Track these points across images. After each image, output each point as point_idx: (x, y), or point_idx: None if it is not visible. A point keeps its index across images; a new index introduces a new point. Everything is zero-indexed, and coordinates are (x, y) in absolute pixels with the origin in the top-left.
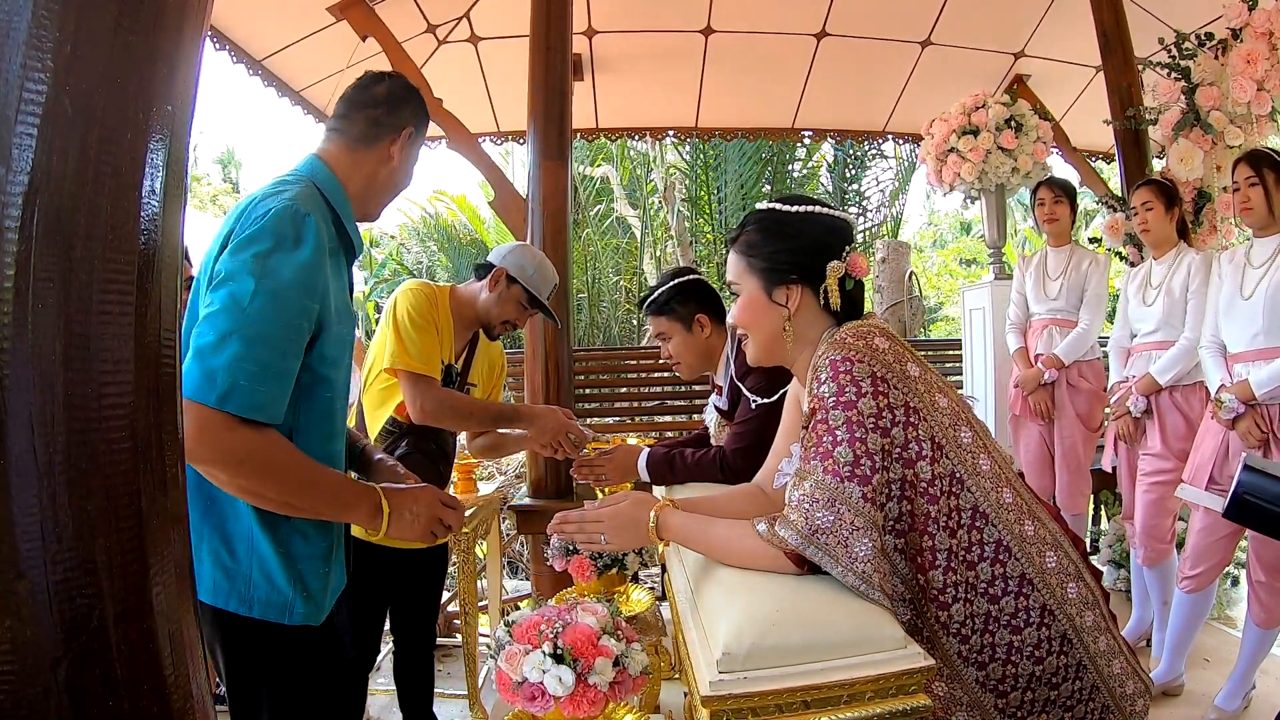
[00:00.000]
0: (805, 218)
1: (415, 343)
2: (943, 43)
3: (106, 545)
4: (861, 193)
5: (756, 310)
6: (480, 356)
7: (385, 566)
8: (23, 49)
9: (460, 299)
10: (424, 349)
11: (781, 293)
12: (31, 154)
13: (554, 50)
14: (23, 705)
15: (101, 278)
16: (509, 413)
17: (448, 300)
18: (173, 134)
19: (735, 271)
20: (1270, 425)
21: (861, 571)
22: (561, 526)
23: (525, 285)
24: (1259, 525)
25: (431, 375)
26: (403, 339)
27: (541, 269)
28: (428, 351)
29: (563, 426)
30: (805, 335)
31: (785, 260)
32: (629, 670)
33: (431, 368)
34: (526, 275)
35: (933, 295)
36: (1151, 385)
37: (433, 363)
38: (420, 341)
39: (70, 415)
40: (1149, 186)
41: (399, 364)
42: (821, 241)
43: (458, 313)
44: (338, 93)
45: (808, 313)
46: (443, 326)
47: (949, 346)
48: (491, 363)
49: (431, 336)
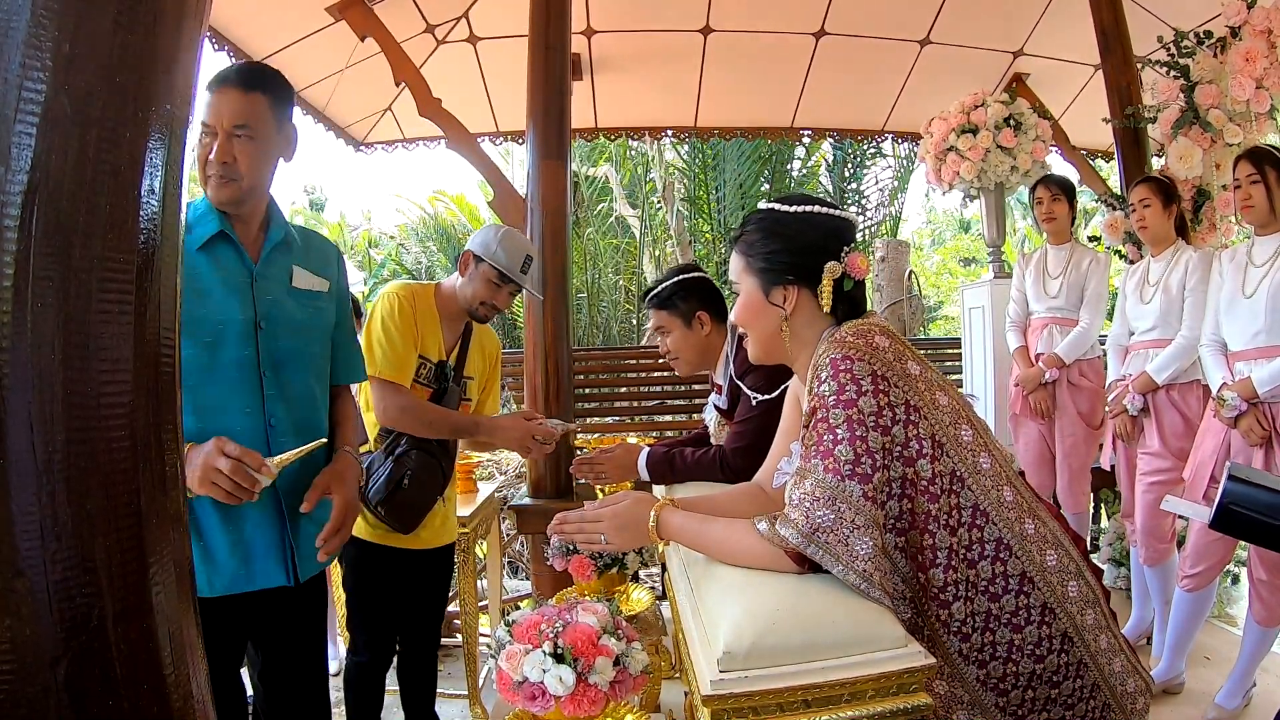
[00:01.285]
0: (804, 218)
1: (384, 349)
2: (942, 41)
3: (106, 544)
4: (861, 191)
5: (754, 310)
6: (475, 348)
7: (393, 568)
8: (22, 48)
9: (444, 294)
10: (392, 355)
11: (779, 293)
12: (31, 153)
13: (553, 50)
14: (22, 704)
15: (100, 277)
16: (469, 425)
17: (432, 298)
18: (172, 133)
19: (736, 270)
20: (1272, 424)
21: (862, 570)
22: (561, 527)
23: (491, 262)
24: (1249, 535)
25: (398, 382)
26: (373, 346)
27: (506, 243)
28: (397, 358)
29: (526, 433)
30: (803, 335)
31: (781, 261)
32: (629, 670)
33: (400, 374)
34: (491, 252)
35: (932, 294)
36: (1148, 384)
37: (402, 369)
38: (389, 348)
39: (69, 414)
40: (1146, 184)
41: (368, 371)
42: (818, 243)
43: (443, 308)
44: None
45: (806, 313)
46: (428, 325)
47: (948, 345)
48: (487, 354)
49: (406, 341)
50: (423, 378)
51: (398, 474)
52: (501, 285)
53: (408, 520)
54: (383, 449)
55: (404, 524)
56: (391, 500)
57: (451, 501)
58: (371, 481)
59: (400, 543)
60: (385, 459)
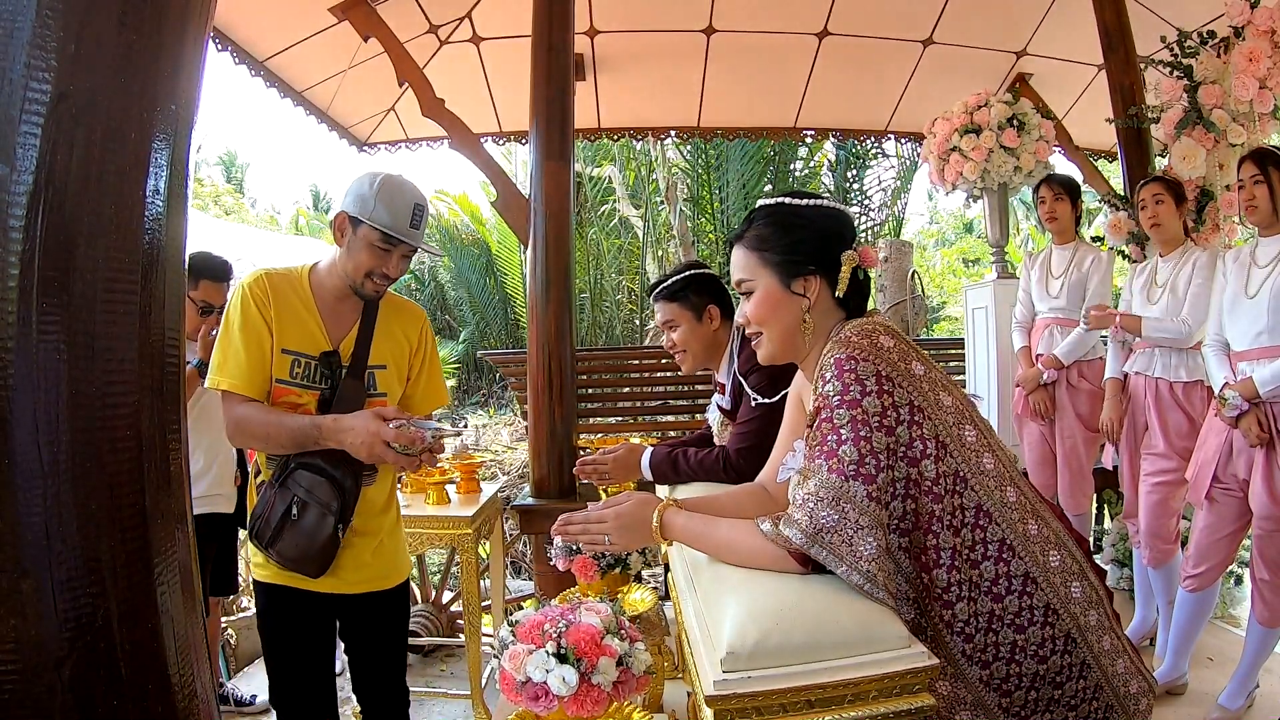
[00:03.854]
0: (818, 210)
1: (222, 353)
2: (945, 42)
3: (110, 544)
4: (864, 192)
5: (775, 303)
6: (382, 332)
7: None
8: (27, 48)
9: (320, 273)
10: (230, 359)
11: (800, 284)
12: (36, 153)
13: (556, 50)
14: (27, 703)
15: (105, 276)
16: (309, 431)
17: (305, 280)
18: (176, 133)
19: (746, 268)
20: (1272, 424)
21: (866, 570)
22: (565, 529)
23: (370, 223)
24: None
25: (238, 391)
26: (217, 350)
27: (385, 193)
28: (235, 362)
29: (374, 438)
30: (821, 327)
31: (804, 250)
32: (632, 670)
33: (240, 381)
34: (369, 210)
35: (936, 294)
36: (1135, 326)
37: (242, 374)
38: (227, 351)
39: (74, 414)
40: (1159, 181)
41: (209, 382)
42: (835, 231)
43: (320, 288)
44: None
45: (823, 304)
46: (292, 313)
47: (952, 345)
48: (404, 335)
49: (249, 339)
50: (300, 377)
51: (286, 502)
52: (389, 249)
53: (308, 560)
54: (272, 477)
55: (305, 565)
56: (281, 537)
57: (393, 534)
58: (261, 519)
59: (321, 586)
60: (275, 488)
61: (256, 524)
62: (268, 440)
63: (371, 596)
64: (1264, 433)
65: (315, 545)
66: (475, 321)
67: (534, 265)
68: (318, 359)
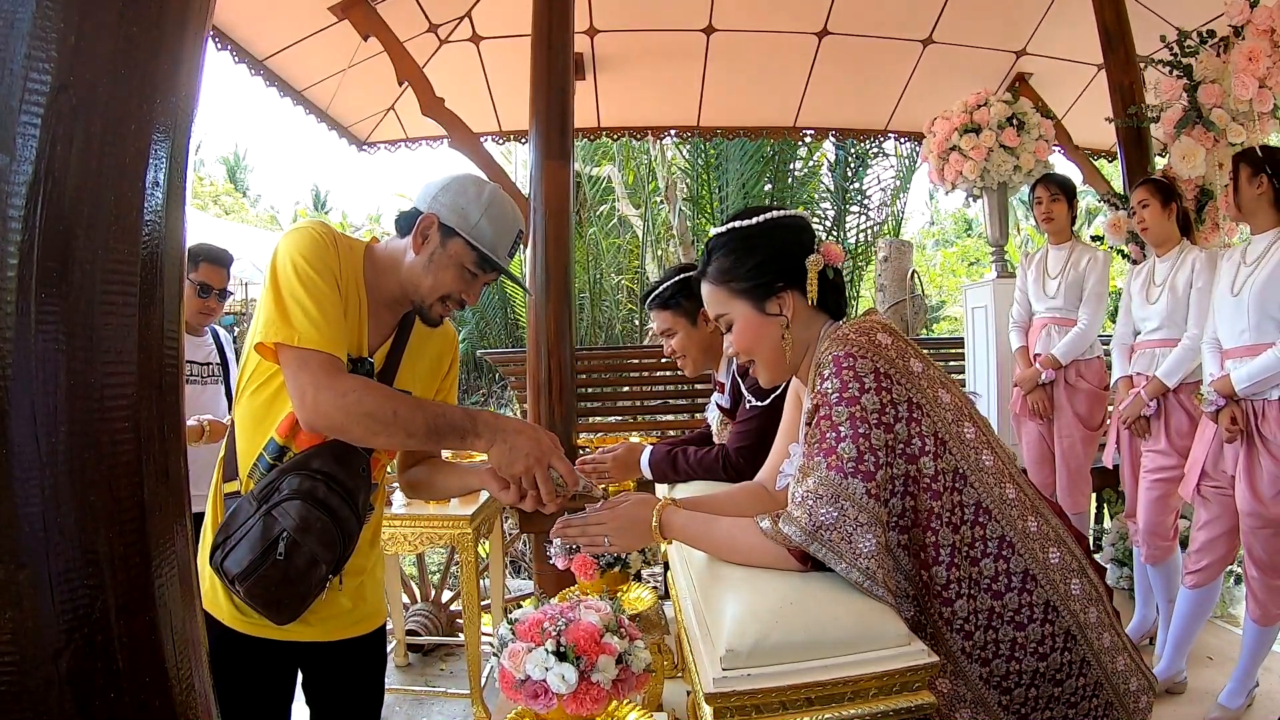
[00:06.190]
0: (771, 225)
1: (304, 305)
2: (944, 41)
3: (109, 537)
4: (863, 191)
5: (756, 330)
6: (416, 351)
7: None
8: (27, 39)
9: (379, 262)
10: (321, 312)
11: (774, 304)
12: (35, 144)
13: (555, 49)
14: (24, 696)
15: (104, 269)
16: (461, 422)
17: (360, 262)
18: (176, 127)
19: (719, 302)
20: (1253, 421)
21: (865, 568)
22: (565, 530)
23: (469, 239)
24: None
25: (334, 355)
26: (284, 302)
27: (493, 210)
28: (328, 316)
29: (549, 453)
30: (803, 337)
31: (768, 270)
32: (632, 668)
33: (335, 343)
34: (470, 223)
35: (935, 294)
36: (1159, 389)
37: (337, 336)
38: (313, 302)
39: (72, 406)
40: (1145, 186)
41: (278, 337)
42: (793, 241)
43: (374, 282)
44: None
45: (802, 315)
46: (355, 300)
47: (951, 344)
48: (436, 359)
49: (334, 293)
50: None
51: (269, 536)
52: (478, 275)
53: (281, 606)
54: (255, 491)
55: (275, 611)
56: (256, 575)
57: (374, 573)
58: (230, 542)
59: (285, 633)
60: (256, 509)
61: (223, 547)
62: (392, 424)
63: (344, 644)
64: (1236, 426)
65: (294, 592)
66: (475, 321)
67: (533, 264)
68: (351, 363)
